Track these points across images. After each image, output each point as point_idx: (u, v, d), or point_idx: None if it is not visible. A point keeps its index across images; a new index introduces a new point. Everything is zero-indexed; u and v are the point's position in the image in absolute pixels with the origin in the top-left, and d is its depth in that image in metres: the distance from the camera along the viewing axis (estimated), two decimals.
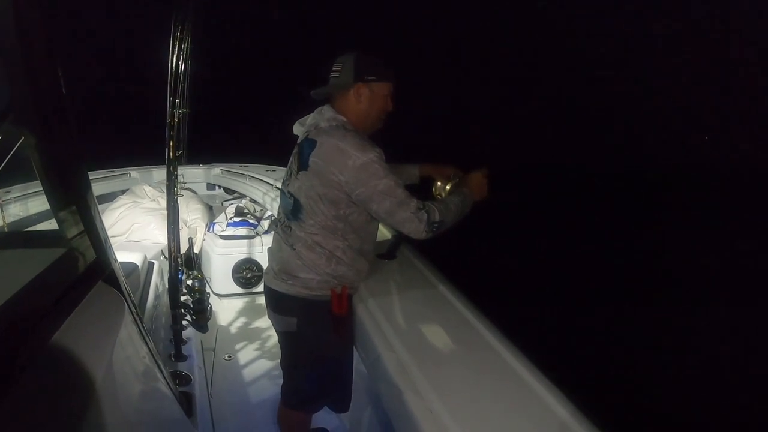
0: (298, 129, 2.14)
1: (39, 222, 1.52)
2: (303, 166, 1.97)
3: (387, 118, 2.14)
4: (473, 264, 5.02)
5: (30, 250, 1.10)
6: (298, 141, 2.10)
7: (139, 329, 1.26)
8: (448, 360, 1.69)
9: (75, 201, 1.06)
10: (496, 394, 1.50)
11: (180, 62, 2.12)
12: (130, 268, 2.39)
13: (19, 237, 1.56)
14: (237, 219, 4.40)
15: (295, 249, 2.04)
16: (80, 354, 0.88)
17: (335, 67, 2.03)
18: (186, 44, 2.12)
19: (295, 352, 2.25)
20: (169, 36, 2.11)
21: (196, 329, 2.54)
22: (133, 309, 1.23)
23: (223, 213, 4.57)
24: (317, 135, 1.95)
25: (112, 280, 1.16)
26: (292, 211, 2.04)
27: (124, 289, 1.19)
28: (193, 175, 5.86)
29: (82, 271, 1.07)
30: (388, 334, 1.82)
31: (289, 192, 2.07)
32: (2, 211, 1.46)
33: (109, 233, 3.90)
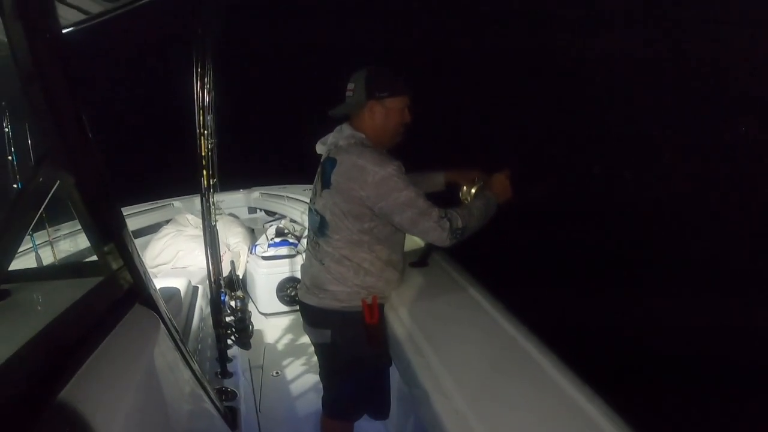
0: (320, 148, 2.21)
1: (82, 253, 1.64)
2: (326, 184, 2.04)
3: (406, 130, 2.18)
4: (506, 268, 4.98)
5: (73, 279, 1.21)
6: (321, 160, 2.18)
7: (177, 345, 1.36)
8: (477, 363, 1.70)
9: (110, 233, 1.17)
10: (525, 395, 1.50)
11: (204, 95, 2.24)
12: (172, 293, 2.52)
13: (63, 268, 1.69)
14: (277, 239, 4.52)
15: (324, 264, 2.11)
16: (118, 367, 0.99)
17: (349, 86, 2.09)
18: (208, 77, 2.24)
19: (331, 363, 2.33)
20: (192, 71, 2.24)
21: (239, 347, 2.66)
22: (170, 326, 1.33)
23: (264, 234, 4.71)
24: (337, 153, 2.03)
25: (149, 302, 1.27)
26: (319, 227, 2.12)
27: (160, 309, 1.30)
28: (234, 200, 6.05)
29: (120, 296, 1.18)
30: (418, 340, 1.86)
31: (315, 209, 2.15)
32: (51, 245, 1.60)
33: (156, 262, 4.14)
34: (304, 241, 4.52)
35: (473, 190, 2.34)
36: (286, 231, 4.65)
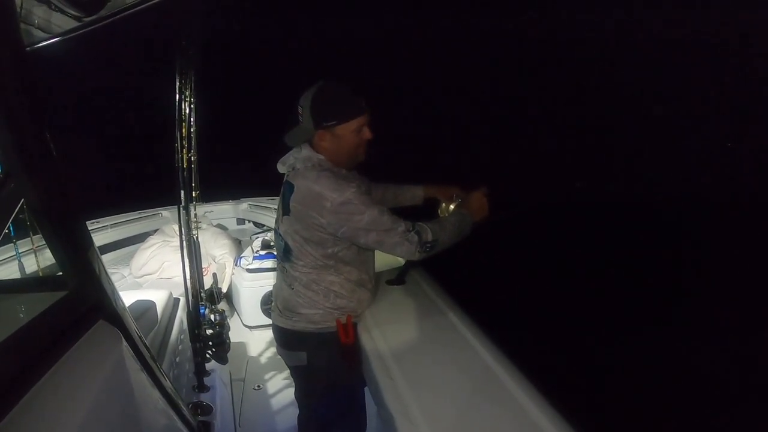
0: (281, 167, 2.15)
1: (46, 270, 1.64)
2: (286, 210, 2.02)
3: (368, 147, 2.08)
4: (485, 288, 4.95)
5: (35, 294, 1.21)
6: (284, 180, 2.13)
7: (144, 360, 1.36)
8: (446, 388, 1.67)
9: (75, 249, 1.17)
10: (493, 424, 1.47)
11: (183, 107, 2.25)
12: (147, 306, 2.51)
13: (26, 281, 1.69)
14: (263, 252, 4.51)
15: (293, 288, 2.10)
16: (73, 385, 0.98)
17: (299, 108, 2.00)
18: (189, 91, 2.25)
19: (308, 384, 2.31)
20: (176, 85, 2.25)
21: (216, 361, 2.65)
22: (137, 341, 1.33)
23: (250, 247, 4.70)
24: (294, 178, 1.99)
25: (113, 318, 1.26)
26: (284, 252, 2.11)
27: (126, 325, 1.29)
28: (222, 211, 6.06)
29: (83, 311, 1.18)
30: (388, 362, 1.85)
31: (280, 233, 2.13)
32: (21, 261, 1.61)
33: (142, 272, 4.12)
34: None
35: (451, 207, 2.34)
36: (272, 243, 4.64)
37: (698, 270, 7.16)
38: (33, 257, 1.79)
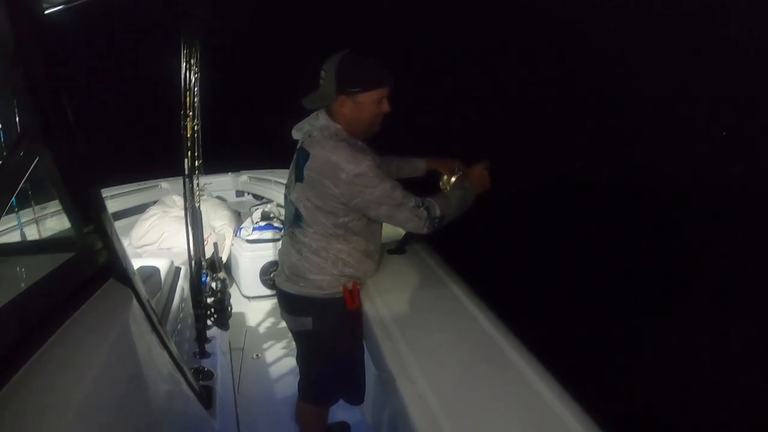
0: (296, 134, 2.15)
1: (59, 230, 1.67)
2: (299, 177, 2.02)
3: (385, 120, 2.08)
4: (483, 258, 4.97)
5: (48, 254, 1.25)
6: (297, 146, 2.13)
7: (151, 321, 1.39)
8: (444, 350, 1.73)
9: (88, 209, 1.20)
10: (490, 384, 1.53)
11: (190, 77, 2.25)
12: (151, 272, 2.54)
13: (39, 242, 1.72)
14: (262, 223, 4.53)
15: (302, 254, 2.11)
16: (86, 338, 1.02)
17: (322, 72, 1.98)
18: (195, 59, 2.25)
19: (311, 349, 2.34)
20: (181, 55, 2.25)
21: (218, 327, 2.69)
22: (144, 302, 1.37)
23: (249, 218, 4.72)
24: (310, 146, 1.98)
25: (123, 278, 1.30)
26: (294, 218, 2.11)
27: (135, 285, 1.33)
28: (222, 183, 6.07)
29: (94, 270, 1.21)
30: (389, 325, 1.90)
31: (291, 200, 2.13)
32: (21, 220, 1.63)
33: (141, 242, 4.15)
34: None
35: (453, 180, 2.36)
36: (271, 215, 4.66)
37: (686, 253, 7.19)
38: (42, 223, 1.82)
